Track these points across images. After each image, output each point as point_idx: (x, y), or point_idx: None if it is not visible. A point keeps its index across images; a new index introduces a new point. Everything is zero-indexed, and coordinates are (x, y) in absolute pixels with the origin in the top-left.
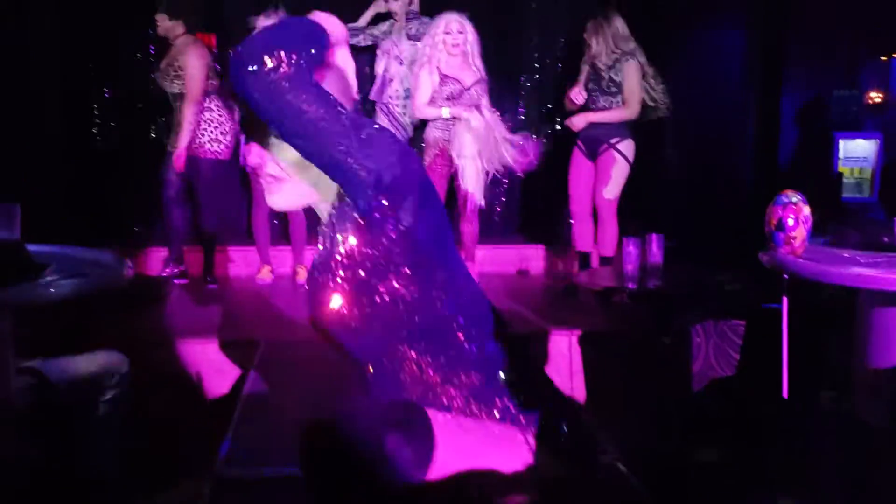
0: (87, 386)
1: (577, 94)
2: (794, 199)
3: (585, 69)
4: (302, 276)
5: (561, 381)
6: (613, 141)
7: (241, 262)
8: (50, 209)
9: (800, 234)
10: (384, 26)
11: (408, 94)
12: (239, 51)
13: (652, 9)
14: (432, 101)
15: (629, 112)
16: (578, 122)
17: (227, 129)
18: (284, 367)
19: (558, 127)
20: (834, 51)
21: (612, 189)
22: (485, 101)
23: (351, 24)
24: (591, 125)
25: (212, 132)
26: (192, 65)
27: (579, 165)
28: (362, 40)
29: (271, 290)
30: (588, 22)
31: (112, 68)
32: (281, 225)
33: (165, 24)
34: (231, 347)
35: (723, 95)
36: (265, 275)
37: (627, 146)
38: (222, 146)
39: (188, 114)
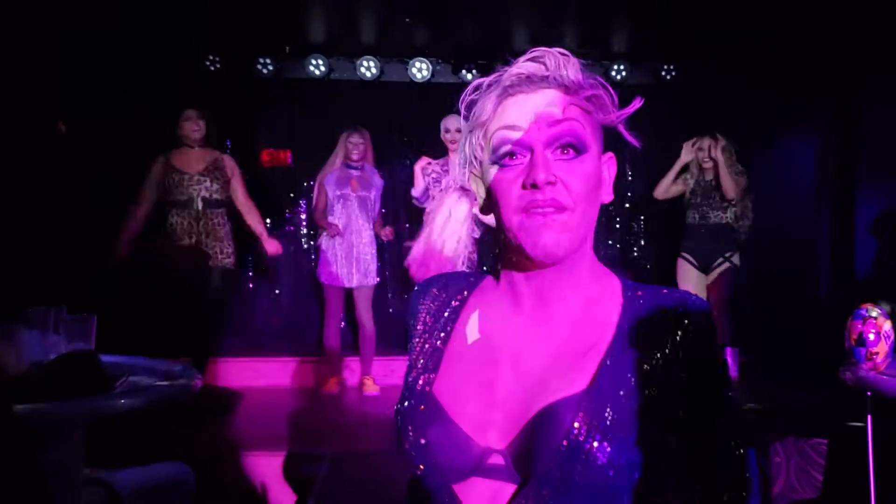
0: (154, 497)
1: None
2: (873, 314)
3: (688, 183)
4: (369, 387)
5: None
6: (728, 254)
7: (310, 374)
8: (126, 319)
9: (882, 349)
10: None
11: None
12: None
13: (720, 121)
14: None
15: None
16: None
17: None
18: (351, 481)
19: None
20: None
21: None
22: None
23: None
24: (704, 238)
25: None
26: (237, 173)
27: (688, 277)
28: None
29: (339, 402)
30: (694, 139)
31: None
32: (352, 336)
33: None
34: (297, 460)
35: (795, 207)
36: (332, 386)
37: (738, 258)
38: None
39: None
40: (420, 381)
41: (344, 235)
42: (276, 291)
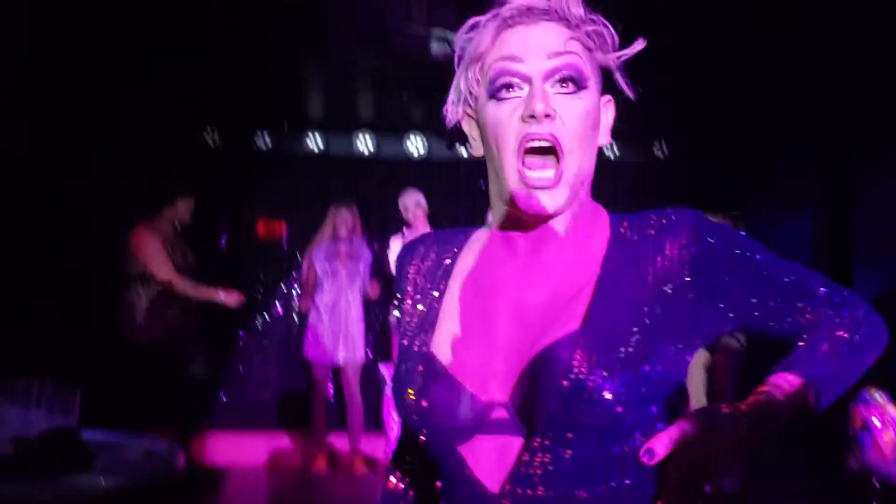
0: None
1: None
2: (877, 398)
3: None
4: (359, 466)
5: None
6: None
7: (298, 450)
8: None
9: (888, 437)
10: None
11: None
12: None
13: (714, 198)
14: None
15: None
16: None
17: None
18: None
19: None
20: None
21: None
22: None
23: None
24: None
25: None
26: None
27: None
28: None
29: (327, 483)
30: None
31: None
32: (338, 410)
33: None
34: None
35: None
36: (321, 465)
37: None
38: None
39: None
40: (416, 343)
41: (332, 312)
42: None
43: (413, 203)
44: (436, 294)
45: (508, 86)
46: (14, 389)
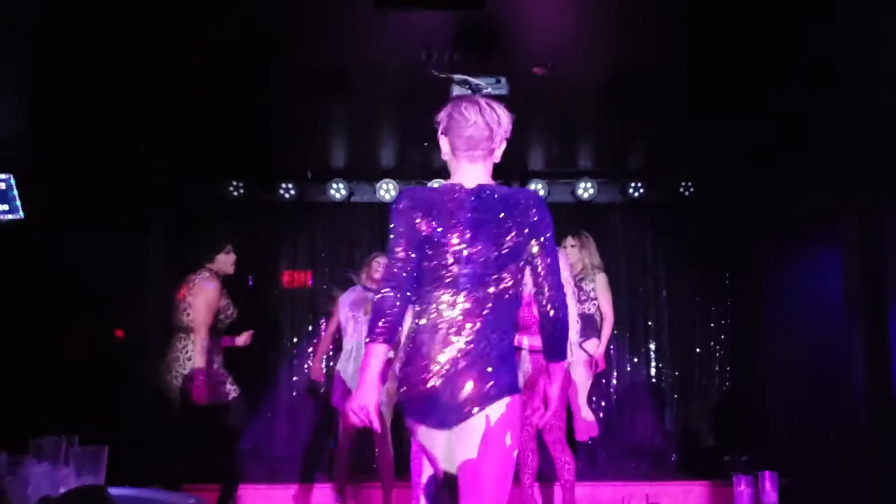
0: None
1: None
2: None
3: None
4: None
5: None
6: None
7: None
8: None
9: None
10: None
11: None
12: None
13: (745, 231)
14: None
15: (611, 322)
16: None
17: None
18: None
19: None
20: None
21: None
22: None
23: None
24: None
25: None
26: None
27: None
28: None
29: None
30: (569, 237)
31: None
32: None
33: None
34: None
35: (825, 322)
36: None
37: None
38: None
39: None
40: None
41: (355, 360)
42: (268, 415)
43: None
44: None
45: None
46: (42, 448)
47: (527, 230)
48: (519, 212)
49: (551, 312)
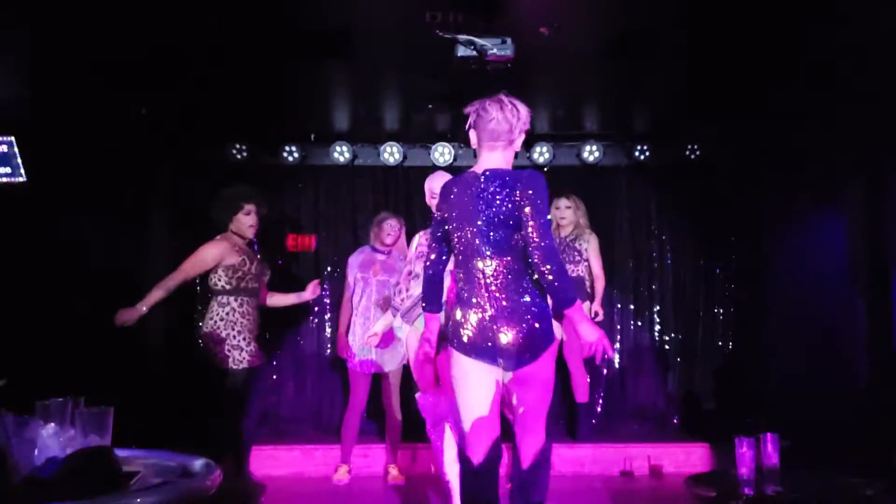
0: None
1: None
2: None
3: None
4: (395, 476)
5: None
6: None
7: (321, 461)
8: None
9: None
10: None
11: None
12: None
13: (747, 199)
14: None
15: (603, 281)
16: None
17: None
18: None
19: None
20: None
21: None
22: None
23: None
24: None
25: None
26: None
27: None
28: None
29: (349, 491)
30: (563, 198)
31: None
32: (377, 425)
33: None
34: None
35: (829, 287)
36: (342, 475)
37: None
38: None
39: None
40: None
41: (364, 322)
42: (274, 377)
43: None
44: None
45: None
46: (49, 410)
47: (521, 201)
48: (520, 187)
49: (543, 270)
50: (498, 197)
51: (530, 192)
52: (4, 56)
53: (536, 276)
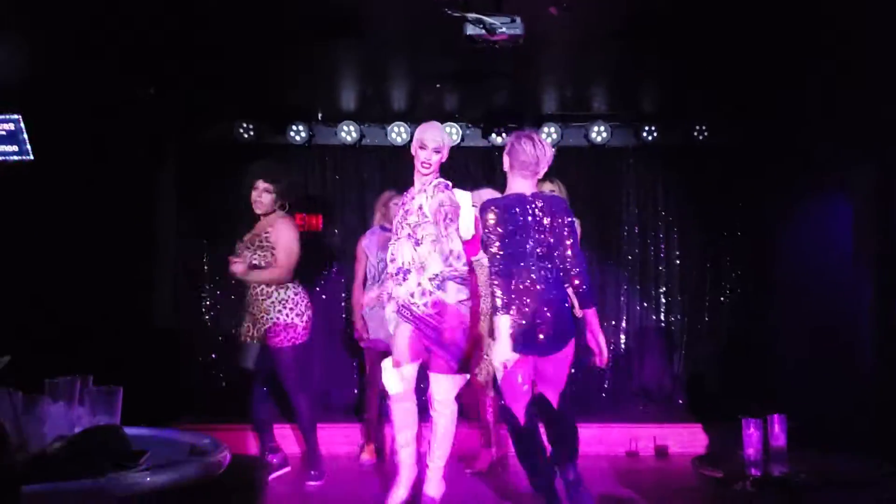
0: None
1: None
2: None
3: None
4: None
5: None
6: None
7: (344, 440)
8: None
9: None
10: None
11: None
12: None
13: (754, 180)
14: None
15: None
16: None
17: (303, 310)
18: None
19: None
20: None
21: None
22: None
23: None
24: None
25: (287, 315)
26: (287, 237)
27: None
28: None
29: (376, 471)
30: (547, 181)
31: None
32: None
33: (267, 196)
34: None
35: (835, 269)
36: (369, 454)
37: None
38: (299, 330)
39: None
40: None
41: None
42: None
43: (433, 146)
44: None
45: None
46: (57, 388)
47: (556, 220)
48: (554, 210)
49: (571, 273)
50: (546, 219)
51: (569, 218)
52: (11, 34)
53: (566, 281)
